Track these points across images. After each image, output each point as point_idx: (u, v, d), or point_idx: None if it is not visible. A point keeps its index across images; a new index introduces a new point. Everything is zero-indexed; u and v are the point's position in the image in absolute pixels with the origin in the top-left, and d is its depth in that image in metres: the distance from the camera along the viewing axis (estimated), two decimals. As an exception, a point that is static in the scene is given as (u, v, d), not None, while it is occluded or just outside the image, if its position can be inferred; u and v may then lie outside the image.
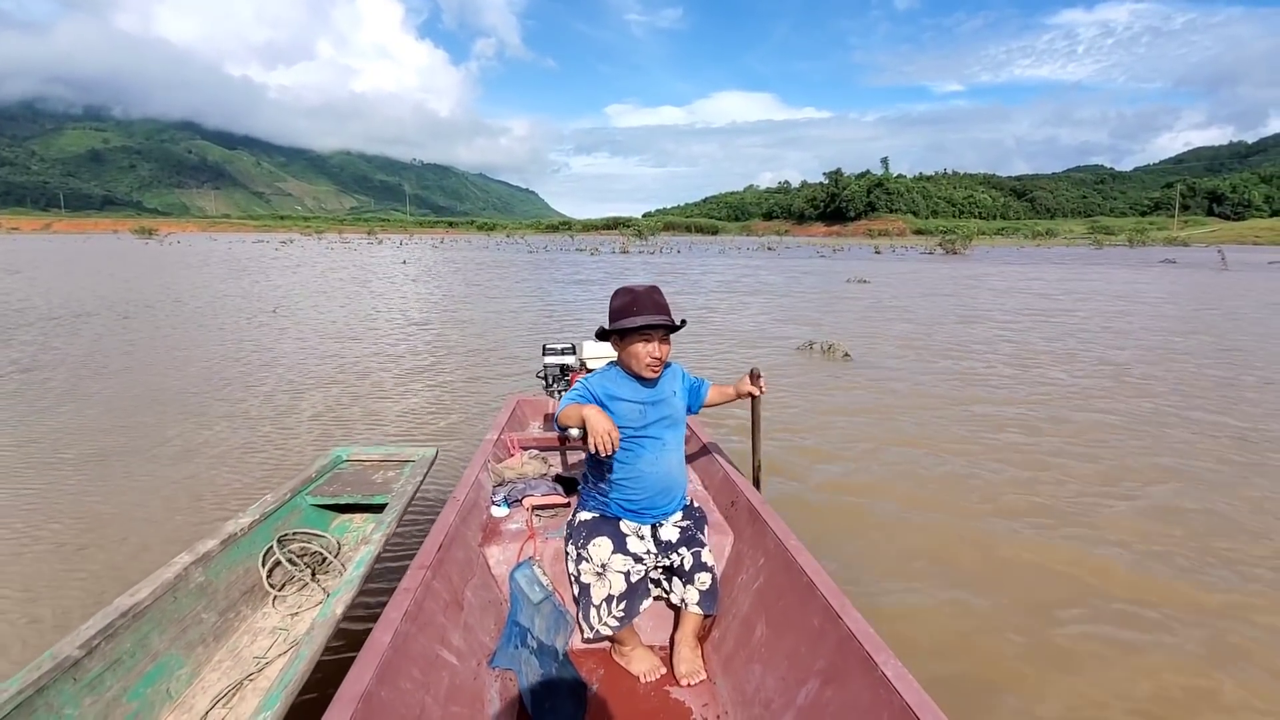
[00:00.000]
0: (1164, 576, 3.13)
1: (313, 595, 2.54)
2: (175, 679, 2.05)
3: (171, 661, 2.06)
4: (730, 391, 2.55)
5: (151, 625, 2.05)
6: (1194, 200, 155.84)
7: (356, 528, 3.08)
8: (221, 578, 2.38)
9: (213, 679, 2.12)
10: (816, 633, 1.80)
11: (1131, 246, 70.23)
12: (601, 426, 2.05)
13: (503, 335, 10.20)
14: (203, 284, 18.78)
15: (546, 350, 4.20)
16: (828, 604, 1.80)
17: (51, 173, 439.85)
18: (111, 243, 64.16)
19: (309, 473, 3.11)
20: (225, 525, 2.51)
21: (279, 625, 2.40)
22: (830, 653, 1.72)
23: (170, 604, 2.14)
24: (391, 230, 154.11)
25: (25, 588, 2.97)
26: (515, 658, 2.08)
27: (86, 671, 1.82)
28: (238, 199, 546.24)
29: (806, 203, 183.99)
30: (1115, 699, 2.34)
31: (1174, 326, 11.23)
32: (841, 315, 12.84)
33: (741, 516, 2.49)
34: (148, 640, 2.02)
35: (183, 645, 2.12)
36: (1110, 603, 2.92)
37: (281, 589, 2.54)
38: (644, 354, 2.17)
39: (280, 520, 2.78)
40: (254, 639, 2.32)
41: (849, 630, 1.68)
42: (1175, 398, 6.38)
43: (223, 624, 2.30)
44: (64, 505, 3.81)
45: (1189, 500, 4.00)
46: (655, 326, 2.14)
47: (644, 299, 2.17)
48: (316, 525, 2.96)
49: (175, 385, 6.65)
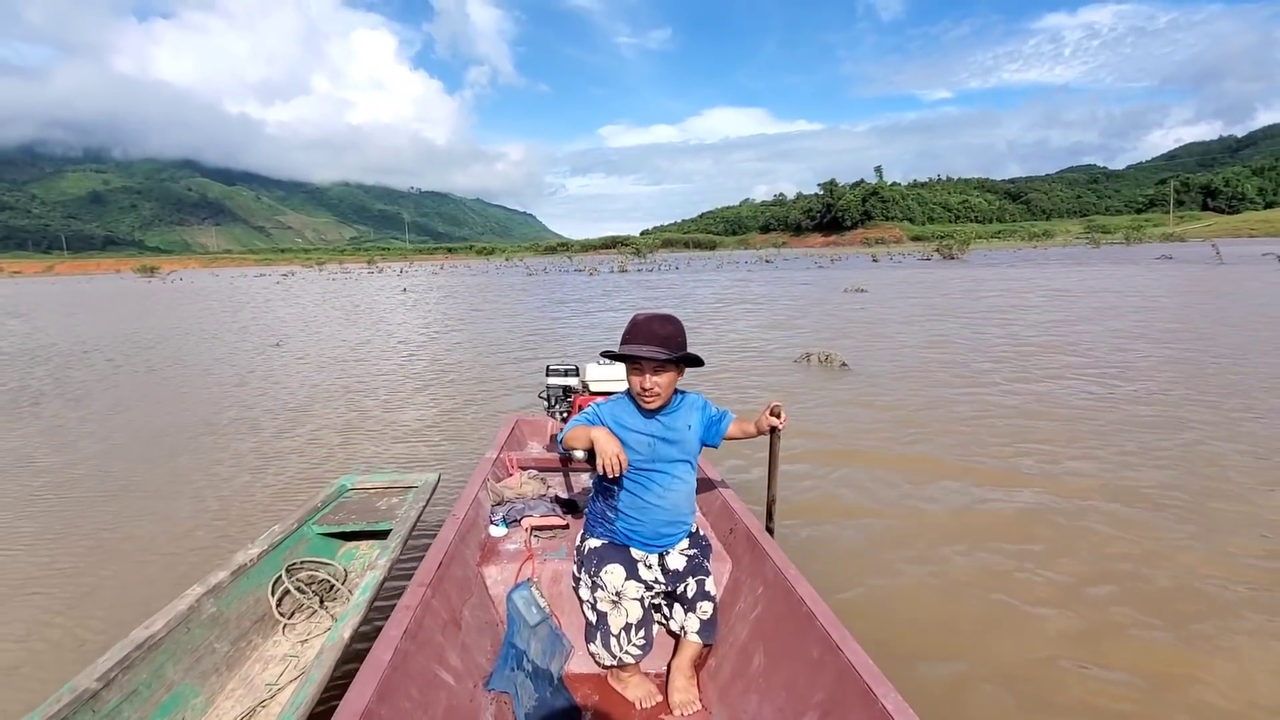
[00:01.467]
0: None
1: (321, 622, 2.60)
2: (190, 708, 2.11)
3: (186, 691, 2.12)
4: (751, 428, 2.37)
5: (166, 656, 2.11)
6: (1188, 196, 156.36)
7: (362, 554, 3.15)
8: (233, 608, 2.44)
9: (226, 707, 2.18)
10: (815, 663, 1.78)
11: (1129, 244, 70.31)
12: (610, 449, 2.02)
13: (502, 358, 10.29)
14: (207, 320, 18.95)
15: (550, 371, 4.27)
16: (827, 634, 1.78)
17: (52, 215, 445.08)
18: (115, 282, 64.72)
19: (315, 502, 3.18)
20: (235, 556, 2.59)
21: (289, 652, 2.46)
22: (829, 684, 1.69)
23: (184, 635, 2.20)
24: (391, 259, 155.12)
25: (38, 619, 3.03)
26: (511, 680, 2.07)
27: (104, 703, 1.88)
28: (238, 234, 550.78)
29: (802, 214, 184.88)
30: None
31: (1182, 324, 11.29)
32: (838, 324, 12.92)
33: (740, 544, 2.46)
34: (163, 671, 2.08)
35: (197, 675, 2.18)
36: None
37: (291, 617, 2.61)
38: (636, 384, 2.11)
39: (288, 550, 2.85)
40: (265, 666, 2.38)
41: (848, 662, 1.66)
42: (1200, 404, 6.42)
43: (235, 653, 2.36)
44: (82, 532, 3.88)
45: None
46: (645, 359, 2.05)
47: (641, 328, 2.08)
48: (323, 553, 3.02)
49: (183, 419, 6.73)
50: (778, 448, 2.51)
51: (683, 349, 2.09)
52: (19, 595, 3.28)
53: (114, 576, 3.43)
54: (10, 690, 2.55)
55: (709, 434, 2.29)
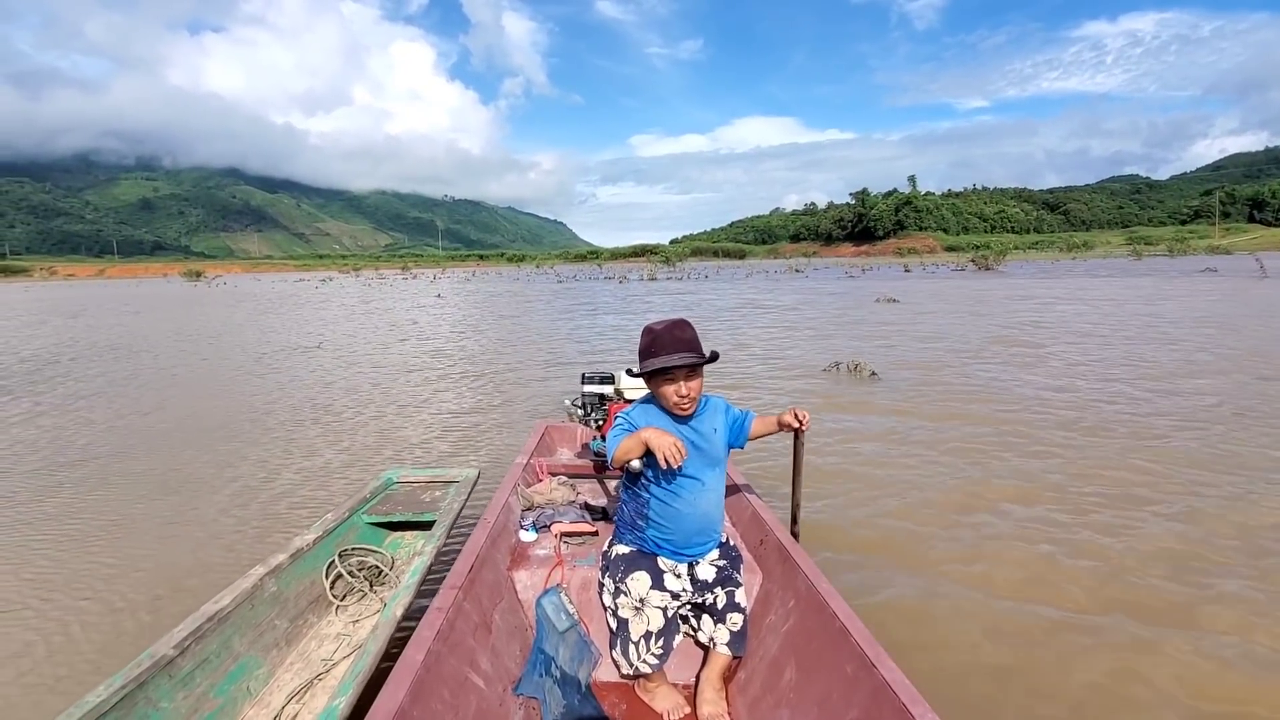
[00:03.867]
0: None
1: (371, 605, 2.75)
2: (254, 678, 2.27)
3: (251, 662, 2.29)
4: (773, 422, 2.36)
5: (233, 629, 2.28)
6: (1234, 207, 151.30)
7: (408, 543, 3.31)
8: (291, 588, 2.61)
9: (286, 678, 2.33)
10: (849, 680, 1.73)
11: (1172, 256, 68.36)
12: (666, 440, 1.97)
13: (536, 364, 10.49)
14: (253, 322, 19.62)
15: (585, 379, 4.34)
16: (861, 651, 1.73)
17: (105, 221, 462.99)
18: (163, 286, 67.13)
19: (364, 494, 3.36)
20: (293, 541, 2.76)
21: (342, 631, 2.61)
22: (864, 702, 1.65)
23: (248, 610, 2.37)
24: (425, 265, 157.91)
25: (113, 595, 3.24)
26: (539, 686, 2.09)
27: (179, 669, 2.05)
28: (278, 240, 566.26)
29: (834, 224, 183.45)
30: None
31: (1226, 338, 11.01)
32: (869, 335, 12.86)
33: (771, 556, 2.43)
34: (230, 643, 2.25)
35: (260, 648, 2.35)
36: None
37: (343, 599, 2.77)
38: (671, 394, 2.10)
39: (340, 537, 3.02)
40: (320, 643, 2.54)
41: (884, 679, 1.61)
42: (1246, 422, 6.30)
43: (293, 629, 2.53)
44: (145, 518, 4.13)
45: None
46: (678, 366, 2.07)
47: (664, 337, 2.08)
48: (372, 541, 3.19)
49: (236, 414, 7.04)
50: (801, 452, 2.51)
51: (702, 349, 2.13)
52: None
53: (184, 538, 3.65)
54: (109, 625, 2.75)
55: (734, 435, 2.31)
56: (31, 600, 3.24)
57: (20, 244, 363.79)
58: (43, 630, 2.97)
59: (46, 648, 2.83)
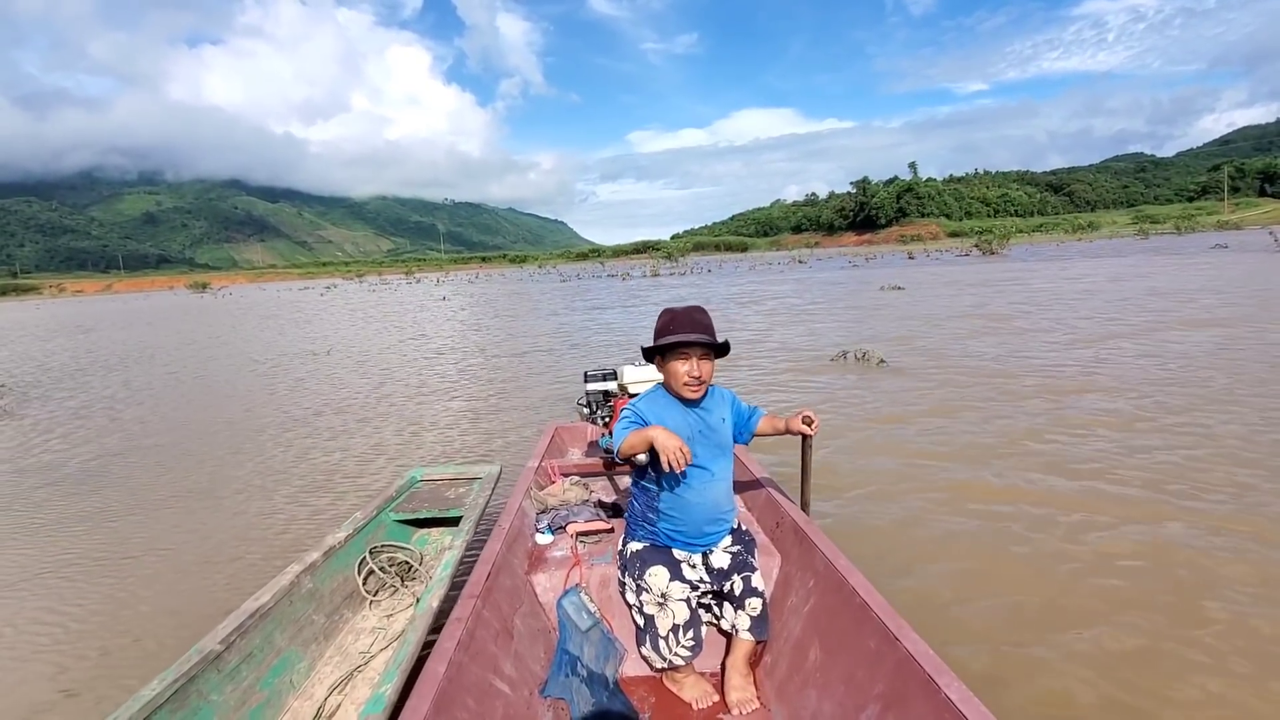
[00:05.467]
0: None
1: (403, 599, 2.83)
2: (296, 671, 2.34)
3: (292, 656, 2.36)
4: (781, 425, 2.41)
5: (274, 625, 2.35)
6: (1244, 182, 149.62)
7: (435, 539, 3.38)
8: (326, 584, 2.68)
9: (326, 671, 2.41)
10: (873, 655, 1.75)
11: (1180, 234, 67.85)
12: (672, 444, 2.00)
13: (546, 360, 10.56)
14: (262, 331, 19.78)
15: (588, 378, 4.37)
16: (884, 625, 1.75)
17: (110, 236, 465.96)
18: (170, 299, 67.71)
19: (390, 492, 3.43)
20: (325, 539, 2.83)
21: (376, 625, 2.69)
22: (889, 676, 1.66)
23: (287, 606, 2.44)
24: (428, 269, 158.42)
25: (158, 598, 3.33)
26: (567, 686, 2.09)
27: (226, 663, 2.12)
28: (281, 249, 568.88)
29: (835, 213, 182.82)
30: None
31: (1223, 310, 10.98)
32: (875, 323, 12.88)
33: (788, 538, 2.45)
34: (272, 638, 2.32)
35: (300, 642, 2.42)
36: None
37: (376, 594, 2.84)
38: (682, 372, 2.15)
39: (369, 534, 3.09)
40: (357, 638, 2.61)
41: (907, 652, 1.63)
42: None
43: (330, 625, 2.60)
44: (180, 522, 4.22)
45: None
46: (692, 344, 2.14)
47: (682, 317, 2.17)
48: (400, 539, 3.26)
49: (253, 420, 7.14)
50: (810, 456, 2.54)
51: (716, 337, 2.20)
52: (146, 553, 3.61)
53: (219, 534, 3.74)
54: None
55: (740, 430, 2.37)
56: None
57: (30, 262, 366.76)
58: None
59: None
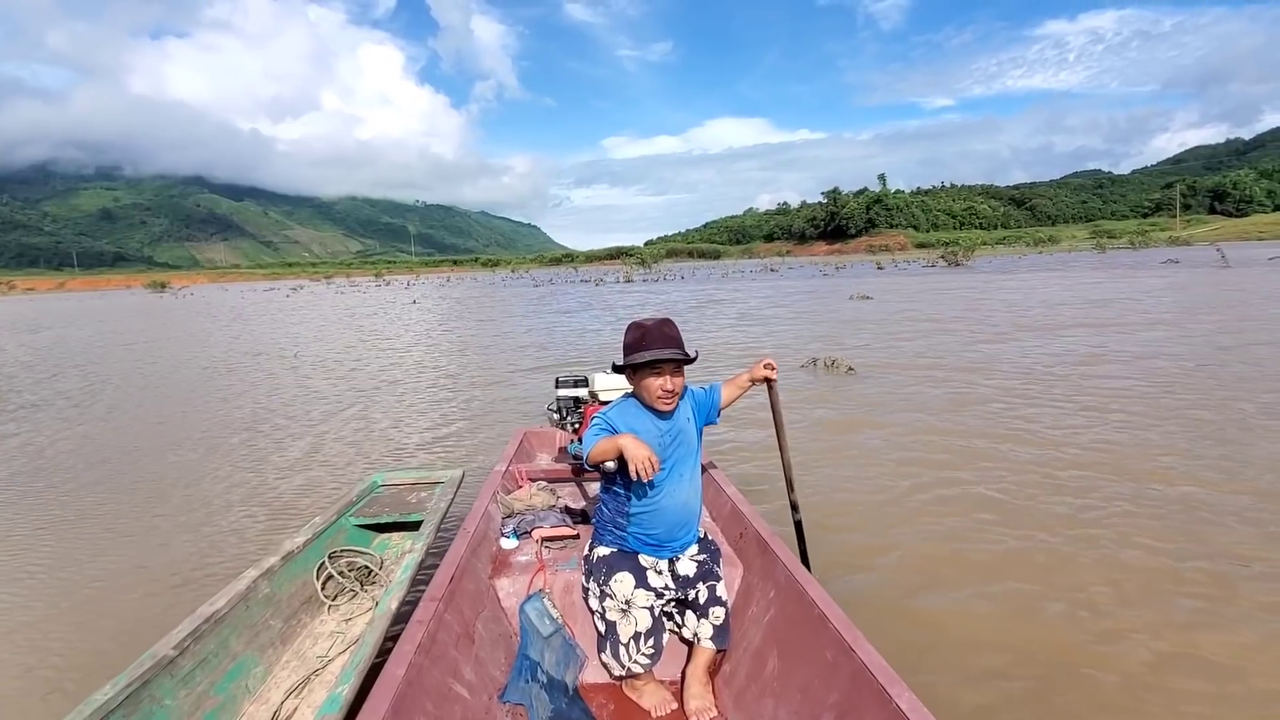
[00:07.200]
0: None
1: (362, 604, 2.83)
2: (252, 676, 2.34)
3: (248, 661, 2.35)
4: (744, 380, 2.50)
5: (230, 630, 2.34)
6: (1195, 199, 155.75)
7: (396, 544, 3.38)
8: (284, 589, 2.67)
9: (283, 676, 2.40)
10: (829, 666, 1.79)
11: (1135, 249, 70.23)
12: (641, 453, 2.02)
13: (515, 367, 10.54)
14: (223, 334, 19.33)
15: (559, 383, 4.40)
16: (840, 636, 1.79)
17: (64, 233, 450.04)
18: (127, 298, 65.62)
19: (350, 496, 3.43)
20: (283, 543, 2.83)
21: (335, 630, 2.68)
22: (844, 686, 1.71)
23: (243, 611, 2.43)
24: (398, 271, 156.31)
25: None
26: (526, 692, 2.10)
27: (180, 668, 2.11)
28: (245, 249, 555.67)
29: (806, 223, 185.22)
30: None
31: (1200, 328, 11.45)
32: (845, 331, 13.12)
33: (750, 548, 2.47)
34: (227, 643, 2.31)
35: (256, 647, 2.41)
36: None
37: (334, 599, 2.84)
38: (656, 387, 2.17)
39: (329, 539, 3.09)
40: (315, 642, 2.61)
41: (862, 663, 1.67)
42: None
43: (287, 629, 2.59)
44: (135, 522, 4.13)
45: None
46: (666, 360, 2.15)
47: (654, 333, 2.17)
48: (360, 543, 3.26)
49: (212, 426, 7.00)
50: (779, 404, 2.60)
51: (686, 349, 2.23)
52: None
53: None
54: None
55: (706, 413, 2.40)
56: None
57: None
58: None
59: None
